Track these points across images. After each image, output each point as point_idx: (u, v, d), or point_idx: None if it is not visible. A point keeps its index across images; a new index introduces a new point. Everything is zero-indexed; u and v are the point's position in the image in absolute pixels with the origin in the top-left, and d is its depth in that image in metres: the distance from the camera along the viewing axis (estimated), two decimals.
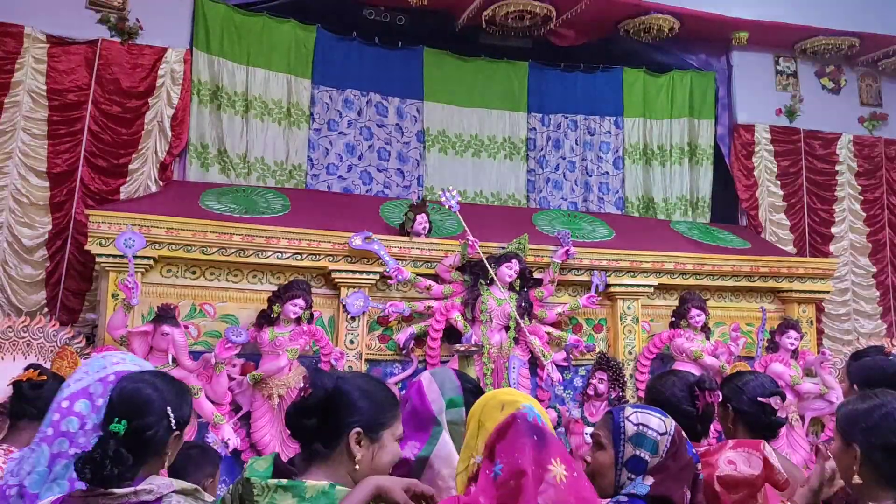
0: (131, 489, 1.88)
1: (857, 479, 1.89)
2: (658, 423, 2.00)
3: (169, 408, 2.01)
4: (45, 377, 2.82)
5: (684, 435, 2.06)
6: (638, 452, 1.97)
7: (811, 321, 7.45)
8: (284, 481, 1.70)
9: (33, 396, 2.75)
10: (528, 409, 1.81)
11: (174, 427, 2.02)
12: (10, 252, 6.20)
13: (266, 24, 7.42)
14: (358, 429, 1.77)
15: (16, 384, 2.80)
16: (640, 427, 1.99)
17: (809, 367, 6.82)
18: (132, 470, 1.93)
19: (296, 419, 1.82)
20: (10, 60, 6.30)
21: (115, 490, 1.88)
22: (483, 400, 1.92)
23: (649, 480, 1.95)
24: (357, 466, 1.76)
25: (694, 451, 2.06)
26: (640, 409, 2.06)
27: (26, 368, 2.89)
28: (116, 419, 1.94)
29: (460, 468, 1.89)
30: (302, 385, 1.82)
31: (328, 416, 1.78)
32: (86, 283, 6.40)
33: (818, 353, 7.05)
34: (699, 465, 2.05)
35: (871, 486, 1.88)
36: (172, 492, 1.93)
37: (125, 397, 2.01)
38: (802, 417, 6.71)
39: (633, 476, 1.96)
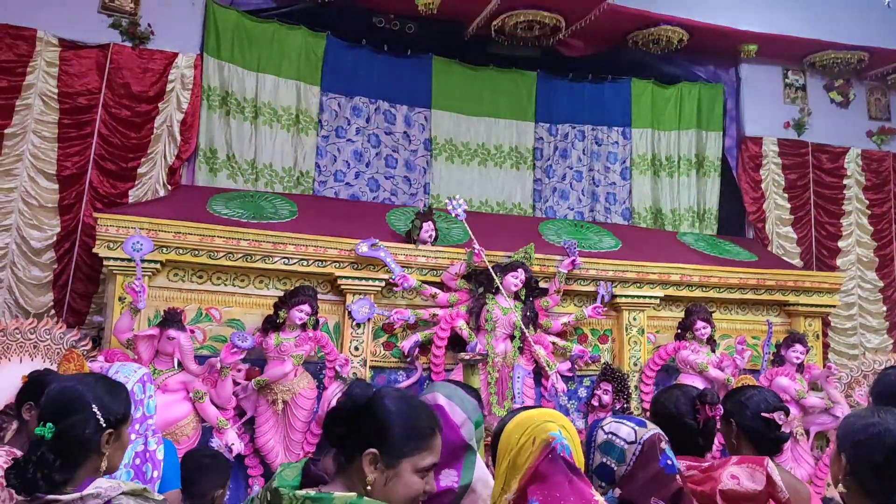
0: (77, 494, 1.82)
1: (841, 489, 1.91)
2: (627, 433, 2.01)
3: (95, 406, 1.96)
4: None
5: (663, 446, 2.05)
6: (605, 460, 2.00)
7: (817, 335, 7.43)
8: (312, 493, 1.65)
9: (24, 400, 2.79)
10: (558, 440, 1.78)
11: (104, 425, 1.96)
12: (19, 254, 6.23)
13: (276, 30, 7.45)
14: (373, 450, 1.69)
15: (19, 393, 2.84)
16: (610, 436, 2.02)
17: (815, 382, 6.80)
18: (65, 473, 1.87)
19: (328, 424, 1.75)
20: (23, 63, 6.34)
21: (61, 497, 1.82)
22: (512, 431, 1.87)
23: (618, 492, 1.99)
24: (368, 488, 1.68)
25: (671, 462, 2.04)
26: (617, 419, 2.07)
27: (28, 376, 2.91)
28: (42, 423, 1.90)
29: (491, 501, 1.86)
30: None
31: (351, 430, 1.72)
32: (93, 286, 6.42)
33: (824, 367, 7.02)
34: (678, 477, 2.04)
35: (855, 498, 1.90)
36: (121, 494, 1.86)
37: (50, 399, 1.97)
38: (807, 432, 6.69)
39: (603, 485, 1.99)
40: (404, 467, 1.70)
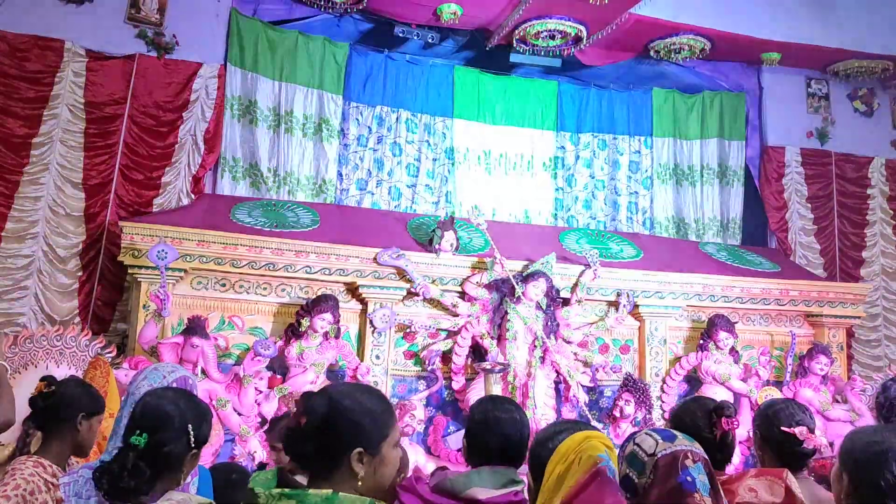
0: None
1: None
2: (650, 445, 1.94)
3: (190, 426, 2.05)
4: (53, 388, 2.80)
5: (688, 463, 1.95)
6: (629, 472, 1.95)
7: (841, 346, 7.36)
8: (288, 490, 1.66)
9: (45, 408, 2.75)
10: (606, 461, 1.78)
11: (192, 445, 2.05)
12: (45, 261, 6.30)
13: (299, 40, 7.51)
14: (359, 449, 1.70)
15: (31, 400, 2.79)
16: (635, 447, 1.96)
17: (839, 393, 6.73)
18: (148, 484, 1.94)
19: (294, 446, 1.74)
20: (50, 74, 6.43)
21: None
22: (563, 453, 1.85)
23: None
24: (360, 483, 1.71)
25: (691, 479, 1.92)
26: (651, 431, 2.02)
27: (41, 381, 2.87)
28: (138, 432, 1.97)
29: None
30: (295, 410, 1.74)
31: (327, 442, 1.71)
32: (117, 294, 6.48)
33: (848, 378, 6.94)
34: (698, 496, 1.95)
35: None
36: None
37: (148, 411, 2.04)
38: (832, 444, 6.61)
39: (628, 496, 1.93)
40: (385, 449, 1.76)
